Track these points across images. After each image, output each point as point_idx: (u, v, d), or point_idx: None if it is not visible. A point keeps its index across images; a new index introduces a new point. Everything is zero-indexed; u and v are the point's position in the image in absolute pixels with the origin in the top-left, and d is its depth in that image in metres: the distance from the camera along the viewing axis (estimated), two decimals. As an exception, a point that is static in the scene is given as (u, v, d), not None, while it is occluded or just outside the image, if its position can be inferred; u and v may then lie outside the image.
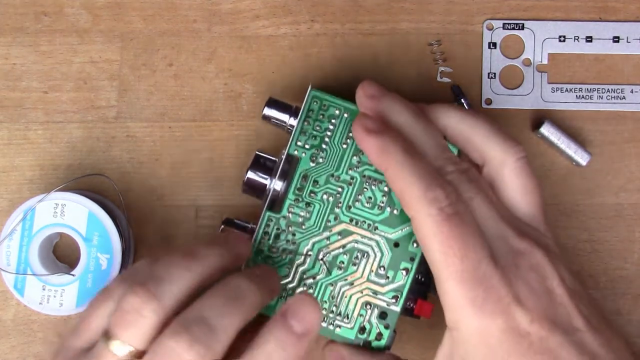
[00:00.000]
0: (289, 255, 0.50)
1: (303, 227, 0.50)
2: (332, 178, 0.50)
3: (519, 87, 0.59)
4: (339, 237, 0.50)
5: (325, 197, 0.50)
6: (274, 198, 0.51)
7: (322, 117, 0.51)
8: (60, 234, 0.57)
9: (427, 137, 0.48)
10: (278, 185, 0.50)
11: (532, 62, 0.59)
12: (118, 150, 0.58)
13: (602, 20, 0.59)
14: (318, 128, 0.51)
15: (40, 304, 0.55)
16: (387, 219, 0.50)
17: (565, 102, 0.59)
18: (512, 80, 0.59)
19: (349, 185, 0.50)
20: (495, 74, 0.59)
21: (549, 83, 0.59)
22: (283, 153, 0.51)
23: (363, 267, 0.50)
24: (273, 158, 0.52)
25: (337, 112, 0.51)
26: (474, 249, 0.45)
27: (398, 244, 0.50)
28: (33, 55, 0.58)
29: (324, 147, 0.50)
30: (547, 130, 0.57)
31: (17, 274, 0.55)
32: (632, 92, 0.59)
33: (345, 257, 0.50)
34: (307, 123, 0.51)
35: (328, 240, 0.50)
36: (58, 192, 0.55)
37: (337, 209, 0.50)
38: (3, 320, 0.57)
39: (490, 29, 0.59)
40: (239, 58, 0.59)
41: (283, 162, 0.50)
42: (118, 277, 0.45)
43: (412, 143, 0.48)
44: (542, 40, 0.59)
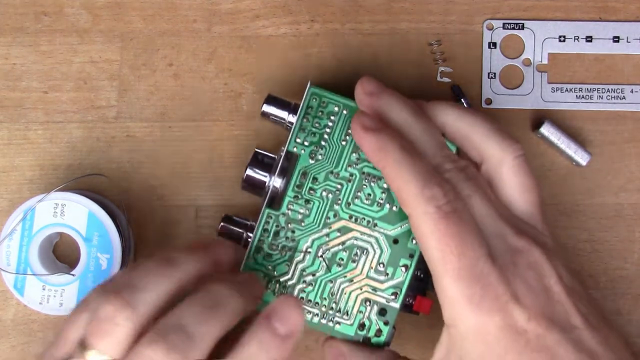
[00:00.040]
0: (289, 253, 0.50)
1: (302, 224, 0.50)
2: (331, 175, 0.50)
3: (519, 87, 0.59)
4: (339, 234, 0.50)
5: (325, 194, 0.50)
6: (273, 195, 0.51)
7: (321, 113, 0.51)
8: (60, 234, 0.57)
9: (425, 134, 0.48)
10: (277, 183, 0.50)
11: (532, 62, 0.59)
12: (118, 150, 0.58)
13: (602, 20, 0.59)
14: (317, 125, 0.51)
15: (40, 304, 0.55)
16: (386, 216, 0.50)
17: (565, 102, 0.59)
18: (512, 80, 0.59)
19: (348, 182, 0.50)
20: (495, 74, 0.59)
21: (549, 83, 0.59)
22: (282, 150, 0.51)
23: (362, 263, 0.50)
24: (272, 155, 0.52)
25: (336, 108, 0.51)
26: (472, 247, 0.45)
27: (397, 241, 0.50)
28: (33, 55, 0.58)
29: (323, 144, 0.50)
30: (547, 130, 0.57)
31: (17, 274, 0.55)
32: (632, 92, 0.59)
33: (345, 254, 0.50)
34: (306, 120, 0.51)
35: (327, 237, 0.50)
36: (58, 192, 0.55)
37: (336, 206, 0.50)
38: (3, 320, 0.57)
39: (490, 29, 0.59)
40: (239, 58, 0.59)
41: (282, 159, 0.50)
42: (96, 287, 0.44)
43: (410, 141, 0.48)
44: (542, 40, 0.59)
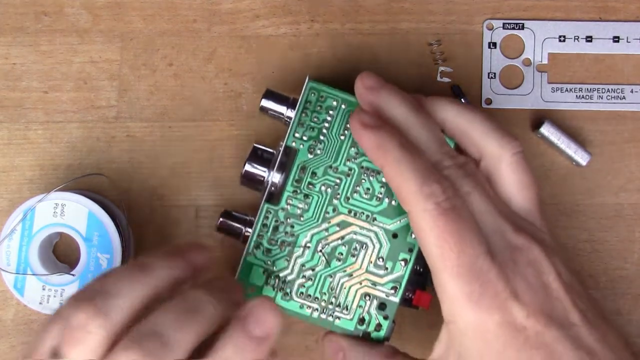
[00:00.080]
0: (288, 247, 0.50)
1: (301, 218, 0.50)
2: (330, 169, 0.50)
3: (519, 87, 0.59)
4: (338, 228, 0.50)
5: (324, 188, 0.50)
6: (272, 190, 0.51)
7: (319, 108, 0.51)
8: (60, 234, 0.57)
9: (424, 130, 0.48)
10: (276, 177, 0.50)
11: (532, 62, 0.59)
12: (118, 150, 0.58)
13: (602, 20, 0.59)
14: (316, 119, 0.51)
15: (40, 304, 0.55)
16: (385, 210, 0.50)
17: (565, 102, 0.59)
18: (512, 80, 0.59)
19: (347, 177, 0.50)
20: (495, 74, 0.59)
21: (549, 83, 0.59)
22: (281, 145, 0.51)
23: (362, 258, 0.50)
24: (271, 150, 0.52)
25: (334, 103, 0.51)
26: (471, 244, 0.45)
27: (397, 235, 0.50)
28: (33, 55, 0.58)
29: (322, 138, 0.50)
30: (547, 130, 0.57)
31: (17, 274, 0.55)
32: (632, 92, 0.59)
33: (344, 248, 0.50)
34: (304, 114, 0.51)
35: (327, 232, 0.50)
36: (58, 192, 0.55)
37: (335, 201, 0.50)
38: (3, 320, 0.57)
39: (490, 29, 0.59)
40: (239, 58, 0.59)
41: (281, 154, 0.50)
42: (71, 296, 0.44)
43: (409, 137, 0.48)
44: (542, 40, 0.59)
